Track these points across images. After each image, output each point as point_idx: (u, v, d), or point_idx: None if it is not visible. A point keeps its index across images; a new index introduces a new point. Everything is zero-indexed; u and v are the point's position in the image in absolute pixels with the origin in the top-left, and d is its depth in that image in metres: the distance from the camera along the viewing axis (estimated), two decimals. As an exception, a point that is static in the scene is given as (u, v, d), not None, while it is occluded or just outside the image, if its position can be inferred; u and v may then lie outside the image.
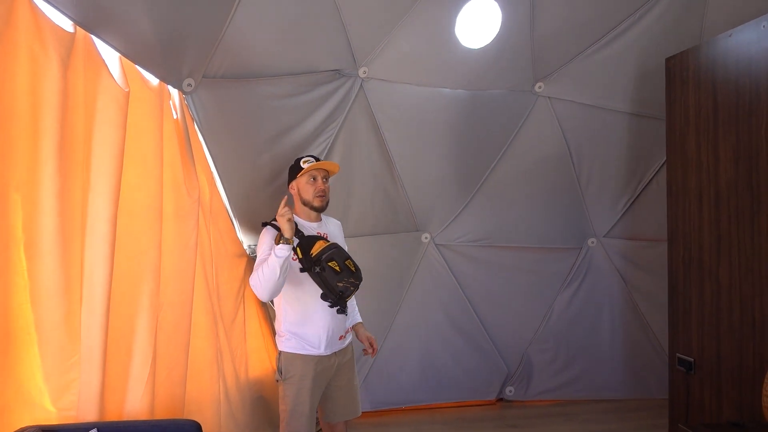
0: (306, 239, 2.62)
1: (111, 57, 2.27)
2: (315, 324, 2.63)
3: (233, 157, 3.13)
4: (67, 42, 2.01)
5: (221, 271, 3.06)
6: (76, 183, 2.07)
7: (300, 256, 2.57)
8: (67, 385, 2.03)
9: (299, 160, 2.79)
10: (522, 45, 3.69)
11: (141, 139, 2.38)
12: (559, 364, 4.39)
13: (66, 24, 2.04)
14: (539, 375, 4.38)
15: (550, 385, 4.39)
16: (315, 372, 2.63)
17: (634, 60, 3.85)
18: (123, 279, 2.28)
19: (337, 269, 2.56)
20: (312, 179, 2.74)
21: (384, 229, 3.92)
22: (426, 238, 4.10)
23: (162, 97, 2.55)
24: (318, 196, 2.73)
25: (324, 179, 2.77)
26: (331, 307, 2.61)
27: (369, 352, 2.88)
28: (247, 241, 3.30)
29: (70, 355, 2.03)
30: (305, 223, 2.73)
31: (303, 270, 2.57)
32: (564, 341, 4.36)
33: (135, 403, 2.31)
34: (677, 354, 3.41)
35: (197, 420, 2.24)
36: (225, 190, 3.14)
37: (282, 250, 2.46)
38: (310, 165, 2.73)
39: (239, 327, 3.22)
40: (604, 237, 4.30)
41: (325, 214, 2.86)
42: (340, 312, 2.63)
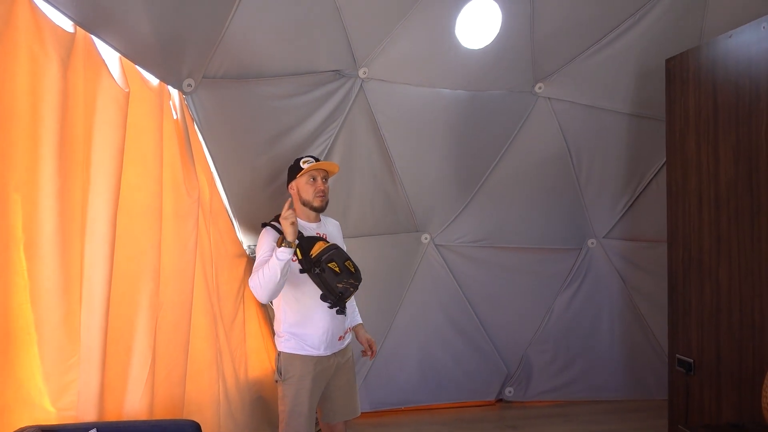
0: (306, 240, 2.62)
1: (111, 57, 2.27)
2: (314, 324, 2.63)
3: (233, 158, 3.13)
4: (67, 42, 2.01)
5: (221, 272, 3.06)
6: (75, 183, 2.07)
7: (300, 257, 2.57)
8: (67, 386, 2.03)
9: (299, 160, 2.78)
10: (522, 46, 3.69)
11: (141, 140, 2.38)
12: (559, 364, 4.39)
13: (66, 24, 2.04)
14: (539, 376, 4.38)
15: (549, 386, 4.39)
16: (314, 372, 2.63)
17: (634, 61, 3.85)
18: (122, 279, 2.28)
19: (337, 270, 2.56)
20: (312, 179, 2.74)
21: (384, 230, 3.92)
22: (426, 238, 4.10)
23: (162, 98, 2.55)
24: (318, 196, 2.73)
25: (323, 179, 2.77)
26: (331, 308, 2.61)
27: (368, 354, 2.90)
28: (247, 242, 3.30)
29: (69, 356, 2.03)
30: (304, 224, 2.73)
31: (303, 271, 2.56)
32: (563, 342, 4.36)
33: (134, 404, 2.31)
34: (677, 355, 3.41)
35: (197, 420, 2.24)
36: (225, 190, 3.14)
37: (284, 253, 2.45)
38: (310, 165, 2.73)
39: (239, 327, 3.22)
40: (603, 238, 4.31)
41: (325, 214, 2.86)
42: (339, 313, 2.63)
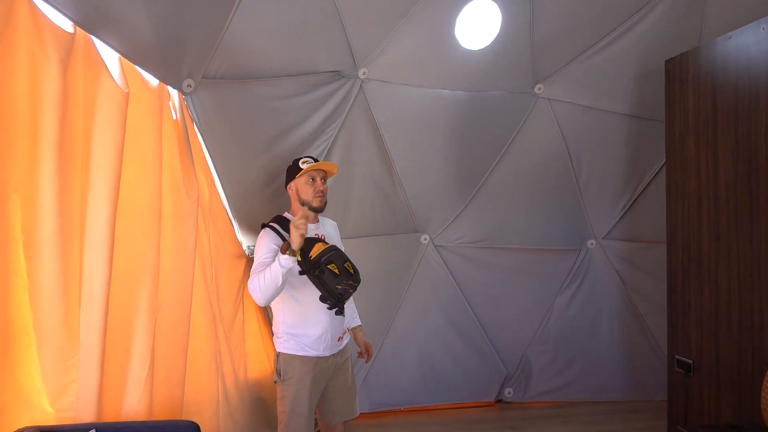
0: (305, 241, 2.61)
1: (111, 57, 2.27)
2: (314, 325, 2.63)
3: (233, 158, 3.13)
4: (67, 42, 2.01)
5: (221, 272, 3.06)
6: (75, 183, 2.07)
7: (299, 258, 2.57)
8: (66, 386, 2.03)
9: (297, 160, 2.78)
10: (522, 47, 3.69)
11: (140, 140, 2.38)
12: (558, 365, 4.38)
13: (66, 24, 2.04)
14: (538, 376, 4.38)
15: (548, 387, 4.38)
16: (313, 373, 2.63)
17: (633, 62, 3.85)
18: (122, 279, 2.28)
19: (336, 272, 2.55)
20: (311, 180, 2.73)
21: (383, 231, 3.92)
22: (425, 239, 4.10)
23: (161, 98, 2.55)
24: (317, 196, 2.72)
25: (322, 180, 2.76)
26: (330, 309, 2.61)
27: (363, 356, 2.92)
28: (247, 242, 3.30)
29: (68, 356, 2.03)
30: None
31: (302, 272, 2.56)
32: (563, 343, 4.36)
33: (133, 404, 2.31)
34: (676, 356, 3.41)
35: (196, 421, 2.24)
36: (224, 190, 3.14)
37: (288, 261, 2.44)
38: (309, 165, 2.73)
39: (238, 328, 3.22)
40: (603, 238, 4.31)
41: (324, 214, 2.86)
42: (338, 314, 2.63)
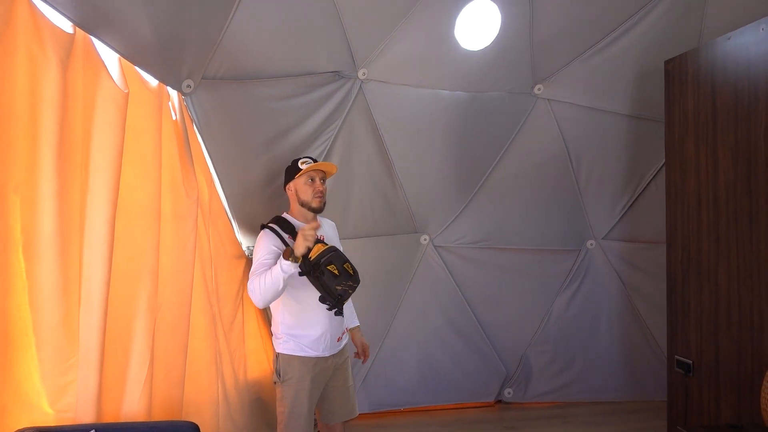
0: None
1: (110, 58, 2.27)
2: (313, 326, 2.64)
3: (232, 158, 3.13)
4: (67, 43, 2.01)
5: (220, 273, 3.06)
6: (74, 184, 2.07)
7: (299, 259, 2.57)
8: (65, 387, 2.03)
9: (296, 161, 2.78)
10: (521, 47, 3.69)
11: (140, 140, 2.38)
12: (558, 365, 4.38)
13: (65, 25, 2.04)
14: (538, 377, 4.38)
15: (548, 387, 4.38)
16: (313, 373, 2.63)
17: (633, 62, 3.85)
18: (121, 280, 2.28)
19: (336, 273, 2.55)
20: (310, 180, 2.73)
21: (383, 231, 3.92)
22: (425, 239, 4.10)
23: (161, 98, 2.55)
24: (317, 197, 2.72)
25: (322, 180, 2.76)
26: (330, 310, 2.61)
27: (360, 357, 2.94)
28: (246, 243, 3.30)
29: (68, 357, 2.03)
30: (302, 225, 2.72)
31: (302, 274, 2.56)
32: (563, 343, 4.36)
33: (133, 405, 2.31)
34: (676, 356, 3.41)
35: (195, 422, 2.23)
36: (224, 191, 3.14)
37: (290, 267, 2.44)
38: (308, 166, 2.73)
39: (238, 328, 3.22)
40: (602, 239, 4.31)
41: (324, 215, 2.86)
42: (337, 314, 2.63)
